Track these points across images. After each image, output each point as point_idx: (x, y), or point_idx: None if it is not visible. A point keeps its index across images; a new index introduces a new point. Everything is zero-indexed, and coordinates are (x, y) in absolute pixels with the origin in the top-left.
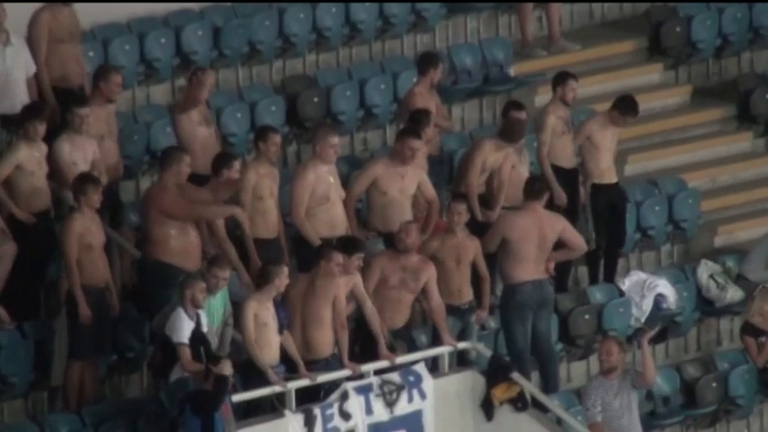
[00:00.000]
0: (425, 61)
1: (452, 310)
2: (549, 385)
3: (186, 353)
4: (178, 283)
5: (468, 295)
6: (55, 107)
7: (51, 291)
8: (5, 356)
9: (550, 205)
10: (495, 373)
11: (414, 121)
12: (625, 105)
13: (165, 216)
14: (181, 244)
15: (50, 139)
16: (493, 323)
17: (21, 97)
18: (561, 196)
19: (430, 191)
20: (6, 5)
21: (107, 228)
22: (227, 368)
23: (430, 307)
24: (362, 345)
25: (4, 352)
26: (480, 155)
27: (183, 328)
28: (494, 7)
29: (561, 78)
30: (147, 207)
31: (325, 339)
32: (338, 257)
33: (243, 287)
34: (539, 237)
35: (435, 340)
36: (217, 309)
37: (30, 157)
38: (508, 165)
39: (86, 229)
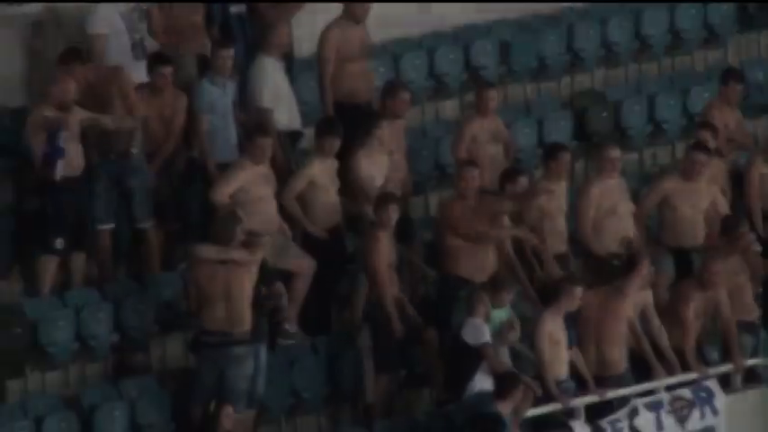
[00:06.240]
0: (724, 76)
1: (746, 327)
2: None
3: (491, 352)
4: (461, 296)
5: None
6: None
7: (343, 306)
8: (298, 372)
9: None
10: None
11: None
12: None
13: (451, 230)
14: (471, 257)
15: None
16: None
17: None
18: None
19: (723, 208)
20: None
21: (397, 244)
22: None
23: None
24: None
25: (296, 367)
26: (754, 169)
27: (483, 330)
28: None
29: None
30: (439, 218)
31: (620, 356)
32: (645, 268)
33: (527, 302)
34: None
35: (726, 356)
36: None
37: (322, 172)
38: None
39: (389, 247)
